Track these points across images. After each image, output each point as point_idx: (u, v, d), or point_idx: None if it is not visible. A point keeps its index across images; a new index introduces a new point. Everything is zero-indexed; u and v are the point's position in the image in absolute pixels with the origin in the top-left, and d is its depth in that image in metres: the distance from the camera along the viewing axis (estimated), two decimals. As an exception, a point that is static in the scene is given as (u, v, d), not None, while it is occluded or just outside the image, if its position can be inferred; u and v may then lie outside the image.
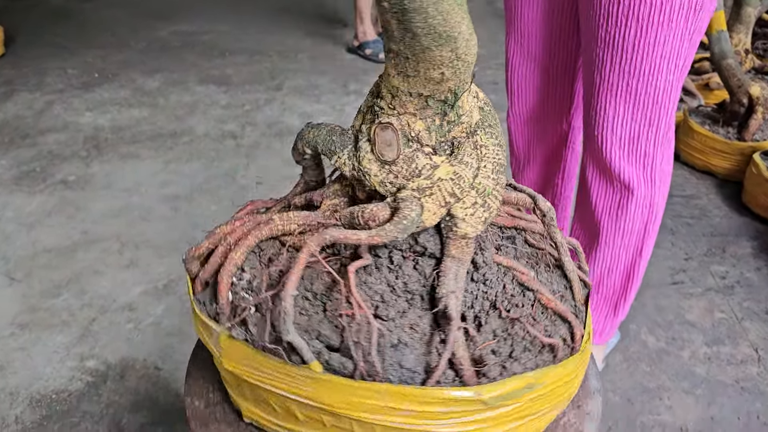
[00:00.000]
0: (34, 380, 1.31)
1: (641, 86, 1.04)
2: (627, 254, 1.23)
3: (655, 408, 1.27)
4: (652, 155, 1.11)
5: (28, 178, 2.06)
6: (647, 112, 1.06)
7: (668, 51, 1.00)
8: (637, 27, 0.99)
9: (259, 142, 2.32)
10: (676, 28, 0.98)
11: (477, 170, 0.56)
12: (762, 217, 1.91)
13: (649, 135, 1.08)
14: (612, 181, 1.14)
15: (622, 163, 1.11)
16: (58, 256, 1.68)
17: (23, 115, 2.53)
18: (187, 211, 1.89)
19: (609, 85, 1.06)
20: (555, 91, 1.26)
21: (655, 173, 1.13)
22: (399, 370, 0.51)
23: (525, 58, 1.23)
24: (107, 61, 3.14)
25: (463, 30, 0.50)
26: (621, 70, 1.04)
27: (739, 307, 1.56)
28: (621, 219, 1.19)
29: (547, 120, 1.31)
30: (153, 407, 1.25)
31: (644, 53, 1.01)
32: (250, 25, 3.74)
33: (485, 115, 0.60)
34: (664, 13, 0.97)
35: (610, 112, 1.08)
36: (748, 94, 2.09)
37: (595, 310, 1.32)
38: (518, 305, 0.56)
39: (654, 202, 1.16)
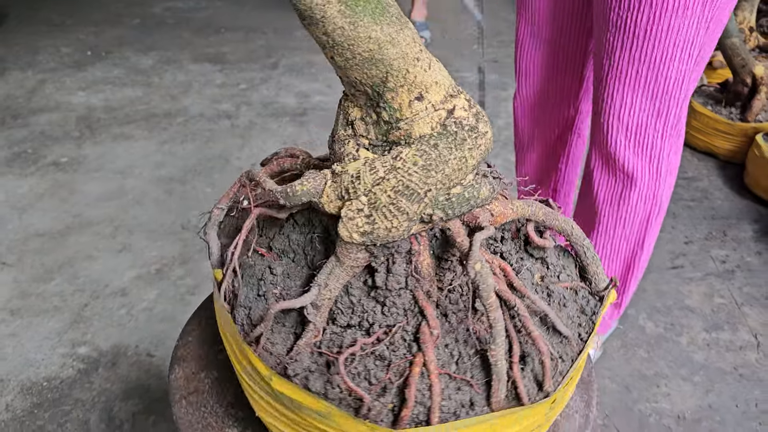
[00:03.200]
0: (25, 367, 1.29)
1: (651, 74, 0.99)
2: (627, 245, 1.20)
3: (653, 395, 1.26)
4: (659, 146, 1.07)
5: (19, 159, 2.03)
6: (656, 102, 1.02)
7: (681, 39, 0.95)
8: (650, 12, 0.94)
9: (255, 123, 2.28)
10: (692, 16, 0.92)
11: (380, 180, 0.52)
12: (764, 199, 1.88)
13: (657, 125, 1.04)
14: (615, 171, 1.11)
15: (626, 153, 1.08)
16: (51, 240, 1.66)
17: (14, 94, 2.49)
18: (182, 193, 1.86)
19: (618, 72, 1.02)
20: (564, 75, 1.22)
21: (661, 165, 1.09)
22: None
23: (535, 40, 1.19)
24: (100, 38, 3.09)
25: (380, 36, 0.48)
26: (631, 56, 0.99)
27: (739, 292, 1.54)
28: (621, 209, 1.16)
29: (554, 104, 1.27)
30: (144, 395, 1.24)
31: (656, 40, 0.96)
32: (246, 2, 3.68)
33: (443, 136, 0.54)
34: (687, 6, 0.92)
35: (618, 100, 1.04)
36: (752, 74, 2.05)
37: (595, 299, 1.29)
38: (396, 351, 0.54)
39: (658, 194, 1.13)
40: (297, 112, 2.36)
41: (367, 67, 0.50)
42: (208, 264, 1.57)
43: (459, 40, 3.12)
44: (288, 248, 0.61)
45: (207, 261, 1.58)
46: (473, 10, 1.14)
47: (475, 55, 2.93)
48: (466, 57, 2.91)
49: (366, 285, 0.56)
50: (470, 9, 1.00)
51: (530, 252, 0.63)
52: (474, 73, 2.73)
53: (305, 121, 2.29)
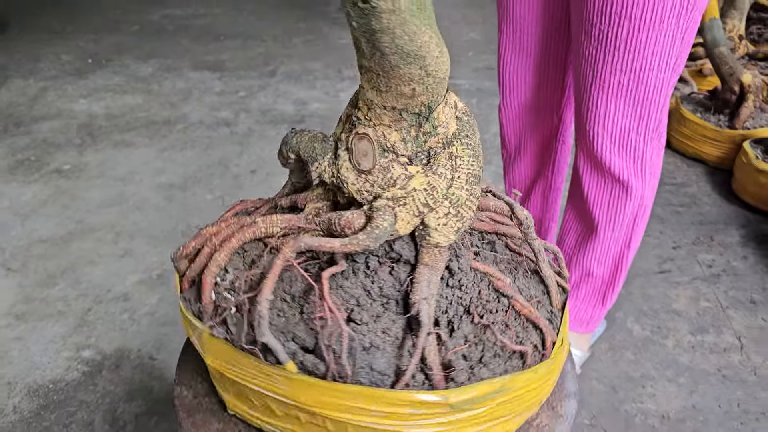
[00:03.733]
0: (31, 370, 1.33)
1: (633, 83, 1.05)
2: (617, 246, 1.25)
3: (639, 396, 1.31)
4: (642, 150, 1.12)
5: (22, 167, 2.07)
6: (638, 108, 1.07)
7: (660, 49, 1.01)
8: (629, 26, 0.99)
9: (253, 130, 2.32)
10: (668, 28, 0.98)
11: (451, 181, 0.58)
12: (751, 205, 1.93)
13: (640, 130, 1.10)
14: (604, 175, 1.16)
15: (613, 158, 1.13)
16: (54, 245, 1.70)
17: (17, 102, 2.53)
18: (182, 200, 1.91)
19: (601, 82, 1.07)
20: (546, 85, 1.27)
21: (645, 167, 1.15)
22: (370, 372, 0.54)
23: (517, 53, 1.24)
24: (100, 45, 3.14)
25: (432, 48, 0.52)
26: (613, 67, 1.04)
27: (724, 295, 1.58)
28: (613, 211, 1.21)
29: (538, 113, 1.32)
30: (148, 397, 1.28)
31: (636, 51, 1.01)
32: (244, 8, 3.73)
33: (462, 125, 0.61)
34: (656, 12, 0.98)
35: (602, 108, 1.09)
36: (740, 82, 2.10)
37: (584, 300, 1.34)
38: (492, 311, 0.58)
39: (644, 195, 1.18)
40: (295, 120, 2.40)
41: (440, 86, 0.55)
42: (208, 269, 1.61)
43: (454, 48, 3.17)
44: (351, 296, 0.60)
45: (207, 266, 1.62)
46: None
47: (470, 62, 2.98)
48: (462, 64, 2.96)
49: (442, 279, 0.59)
50: None
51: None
52: (469, 80, 2.78)
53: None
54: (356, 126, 0.60)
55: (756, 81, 2.10)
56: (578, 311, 1.34)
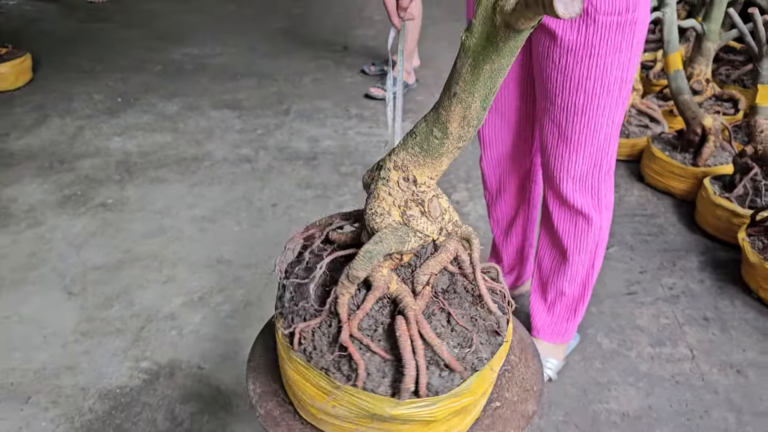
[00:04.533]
0: (100, 378, 1.60)
1: (589, 138, 1.35)
2: (583, 268, 1.54)
3: (604, 398, 1.58)
4: (598, 188, 1.42)
5: (70, 201, 2.35)
6: (593, 157, 1.37)
7: (607, 113, 1.32)
8: (585, 96, 1.30)
9: (272, 166, 2.61)
10: (612, 97, 1.29)
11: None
12: (710, 234, 2.21)
13: (595, 173, 1.40)
14: (569, 210, 1.45)
15: (576, 195, 1.42)
16: (107, 272, 1.98)
17: (58, 140, 2.81)
18: (213, 231, 2.18)
19: (564, 138, 1.36)
20: (519, 139, 1.56)
21: (602, 202, 1.45)
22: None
23: (491, 113, 1.53)
24: (128, 84, 3.43)
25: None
26: (573, 127, 1.34)
27: (681, 314, 1.86)
28: (578, 239, 1.50)
29: (513, 161, 1.61)
30: (199, 399, 1.54)
31: (590, 115, 1.32)
32: (257, 47, 4.03)
33: None
34: (604, 85, 1.28)
35: (566, 158, 1.38)
36: (702, 125, 2.39)
37: (559, 315, 1.62)
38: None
39: (602, 225, 1.48)
40: (309, 156, 2.69)
41: None
42: (241, 292, 1.89)
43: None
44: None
45: (241, 289, 1.90)
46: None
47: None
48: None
49: None
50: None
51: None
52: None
53: (316, 165, 2.62)
54: (421, 195, 0.85)
55: (716, 124, 2.39)
56: (554, 325, 1.62)
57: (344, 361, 0.80)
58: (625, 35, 1.24)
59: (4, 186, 2.43)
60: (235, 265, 2.01)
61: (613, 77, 1.27)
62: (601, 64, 1.26)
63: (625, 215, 2.33)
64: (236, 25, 4.52)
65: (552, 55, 1.29)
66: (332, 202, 2.36)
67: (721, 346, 1.75)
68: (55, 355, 1.67)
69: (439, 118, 0.78)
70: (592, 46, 1.24)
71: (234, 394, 1.56)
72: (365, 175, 0.91)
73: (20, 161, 2.62)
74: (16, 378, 1.60)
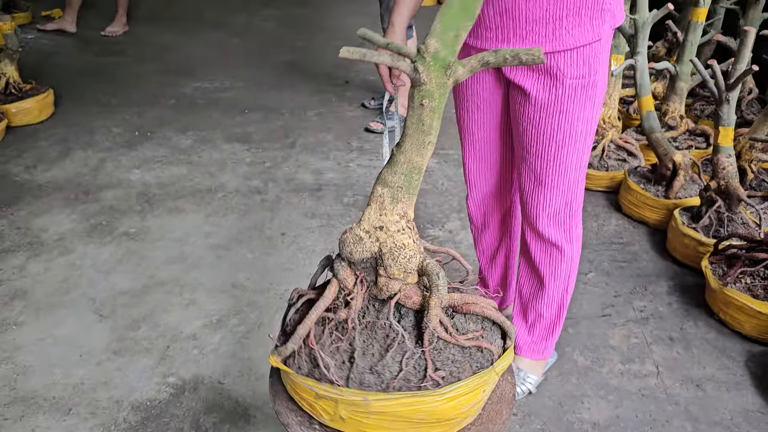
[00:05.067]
0: (132, 392, 1.81)
1: (560, 182, 1.57)
2: (559, 293, 1.75)
3: (578, 409, 1.78)
4: (569, 223, 1.65)
5: (96, 230, 2.57)
6: (564, 197, 1.60)
7: (575, 158, 1.54)
8: (555, 146, 1.52)
9: (280, 197, 2.83)
10: (578, 146, 1.53)
11: None
12: (679, 261, 2.43)
13: (566, 210, 1.62)
14: (545, 242, 1.67)
15: (550, 230, 1.64)
16: (133, 296, 2.19)
17: (82, 172, 3.04)
18: (229, 258, 2.40)
19: (539, 182, 1.59)
20: (500, 181, 1.79)
21: (572, 235, 1.67)
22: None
23: (476, 160, 1.75)
24: (143, 118, 3.67)
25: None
26: (546, 172, 1.57)
27: (650, 334, 2.07)
28: (553, 268, 1.72)
29: (495, 200, 1.83)
30: (220, 410, 1.75)
31: (560, 162, 1.54)
32: (263, 81, 4.28)
33: None
34: (572, 137, 1.51)
35: (541, 198, 1.61)
36: (673, 161, 2.62)
37: (539, 335, 1.83)
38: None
39: (573, 255, 1.70)
40: (314, 188, 2.92)
41: None
42: (255, 314, 2.10)
43: (446, 120, 3.71)
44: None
45: (255, 312, 2.11)
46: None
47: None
48: (451, 135, 3.48)
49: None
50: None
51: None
52: (457, 150, 3.30)
53: (321, 196, 2.85)
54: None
55: (685, 160, 2.63)
56: (534, 344, 1.84)
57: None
58: (588, 94, 1.48)
59: (35, 216, 2.65)
60: (250, 289, 2.23)
61: (579, 129, 1.51)
62: (568, 118, 1.49)
63: (603, 243, 2.56)
64: (242, 58, 4.78)
65: (527, 112, 1.52)
66: (336, 231, 2.58)
67: (684, 363, 1.96)
68: (91, 372, 1.88)
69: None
70: (561, 104, 1.48)
71: (251, 405, 1.76)
72: None
73: (48, 192, 2.84)
74: (58, 392, 1.81)
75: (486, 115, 1.66)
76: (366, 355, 1.07)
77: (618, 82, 2.99)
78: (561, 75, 1.44)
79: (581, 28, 1.39)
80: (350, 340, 1.08)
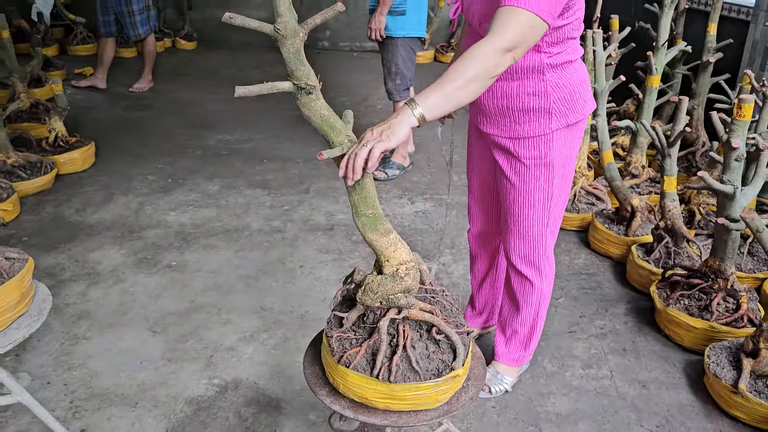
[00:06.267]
0: (185, 390, 2.24)
1: (526, 232, 2.01)
2: (530, 316, 2.20)
3: (545, 403, 2.21)
4: (538, 263, 2.08)
5: (143, 263, 3.03)
6: (533, 242, 2.03)
7: (538, 217, 1.96)
8: (519, 207, 1.96)
9: (298, 236, 3.30)
10: (537, 211, 1.95)
11: None
12: (636, 288, 2.89)
13: (536, 252, 2.06)
14: (519, 275, 2.12)
15: (522, 267, 2.09)
16: (179, 317, 2.64)
17: (125, 214, 3.52)
18: (256, 286, 2.86)
19: (511, 230, 2.03)
20: (490, 224, 2.24)
21: (542, 273, 2.10)
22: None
23: (475, 203, 2.22)
24: (174, 167, 4.16)
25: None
26: (515, 224, 2.01)
27: (607, 346, 2.51)
28: (527, 296, 2.16)
29: (486, 238, 2.29)
30: (257, 404, 2.18)
31: (524, 218, 1.98)
32: (279, 133, 4.80)
33: (391, 277, 1.57)
34: (531, 204, 1.94)
35: (516, 243, 2.05)
36: (631, 205, 3.11)
37: (514, 347, 2.26)
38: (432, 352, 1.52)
39: (543, 288, 2.13)
40: (327, 228, 3.39)
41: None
42: (281, 331, 2.54)
43: (440, 169, 4.22)
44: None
45: (281, 329, 2.55)
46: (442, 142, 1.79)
47: (453, 183, 4.00)
48: (445, 182, 3.98)
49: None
50: (440, 140, 1.81)
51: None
52: (450, 196, 3.79)
53: (333, 234, 3.32)
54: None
55: (641, 203, 3.11)
56: (510, 354, 2.27)
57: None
58: (542, 172, 1.89)
59: (89, 251, 3.12)
60: (275, 311, 2.67)
61: (537, 196, 1.94)
62: (527, 187, 1.92)
63: (573, 274, 3.02)
64: (258, 113, 5.31)
65: (500, 178, 1.98)
66: (346, 264, 3.04)
67: (633, 368, 2.40)
68: (151, 375, 2.31)
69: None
70: (520, 176, 1.91)
71: (282, 400, 2.19)
72: None
73: (99, 231, 3.31)
74: (125, 390, 2.24)
75: (482, 172, 2.12)
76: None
77: (586, 137, 3.50)
78: (519, 155, 1.88)
79: (530, 124, 1.82)
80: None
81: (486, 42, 1.48)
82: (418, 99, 1.43)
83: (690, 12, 4.26)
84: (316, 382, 1.57)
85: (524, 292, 2.15)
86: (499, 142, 1.91)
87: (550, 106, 1.79)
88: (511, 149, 1.88)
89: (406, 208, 3.69)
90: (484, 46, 1.48)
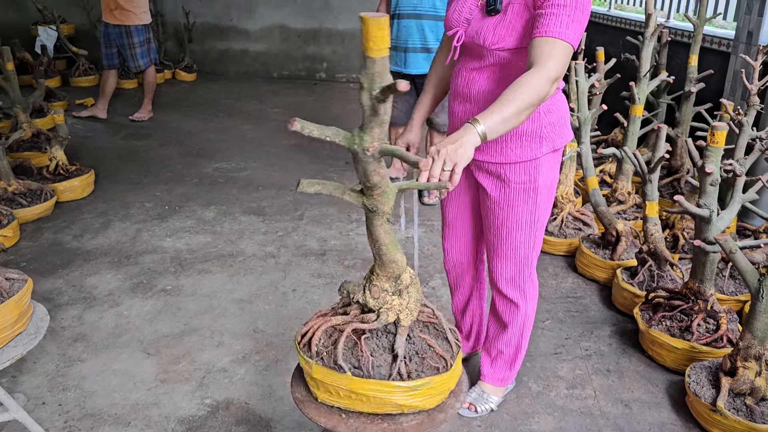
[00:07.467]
0: (177, 410, 2.29)
1: (512, 256, 2.08)
2: (515, 337, 2.26)
3: (530, 423, 2.26)
4: (523, 287, 2.15)
5: (139, 287, 3.09)
6: (518, 266, 2.10)
7: (524, 240, 2.04)
8: (506, 230, 2.04)
9: (291, 261, 3.37)
10: (524, 233, 2.02)
11: (408, 302, 1.60)
12: (621, 311, 2.95)
13: (521, 277, 2.12)
14: (504, 299, 2.18)
15: (508, 290, 2.16)
16: (173, 339, 2.69)
17: (122, 240, 3.59)
18: (249, 309, 2.92)
19: (497, 254, 2.10)
20: (470, 254, 2.31)
21: (527, 295, 2.17)
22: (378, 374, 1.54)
23: (452, 239, 2.29)
24: (171, 194, 4.25)
25: (401, 260, 1.57)
26: (502, 248, 2.08)
27: (591, 367, 2.57)
28: (512, 317, 2.22)
29: (466, 266, 2.35)
30: (247, 423, 2.22)
31: (509, 243, 2.05)
32: (274, 162, 4.90)
33: (411, 280, 1.64)
34: (518, 226, 2.02)
35: (501, 267, 2.12)
36: (616, 229, 3.19)
37: (500, 367, 2.32)
38: (424, 352, 1.59)
39: (527, 310, 2.19)
40: (319, 253, 3.46)
41: (404, 271, 1.58)
42: (273, 353, 2.60)
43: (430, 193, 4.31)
44: None
45: (272, 351, 2.60)
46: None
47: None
48: (435, 210, 4.07)
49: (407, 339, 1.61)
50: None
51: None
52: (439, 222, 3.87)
53: (325, 259, 3.39)
54: (372, 281, 1.63)
55: (626, 228, 3.19)
56: (496, 374, 2.32)
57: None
58: (529, 195, 1.96)
59: (87, 276, 3.18)
60: (268, 334, 2.73)
61: (524, 219, 2.01)
62: (515, 211, 1.99)
63: (560, 297, 3.08)
64: (254, 142, 5.42)
65: (486, 203, 2.06)
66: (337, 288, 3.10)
67: (616, 388, 2.45)
68: (144, 395, 2.36)
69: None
70: (508, 200, 1.98)
71: (272, 419, 2.24)
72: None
73: (96, 257, 3.38)
74: (118, 410, 2.29)
75: (461, 202, 2.18)
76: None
77: (572, 165, 3.59)
78: (507, 180, 1.96)
79: (522, 149, 1.90)
80: None
81: (536, 73, 1.60)
82: (480, 119, 1.52)
83: (673, 44, 4.40)
84: (303, 400, 1.62)
85: (509, 314, 2.21)
86: (488, 168, 1.98)
87: (542, 130, 1.88)
88: (501, 174, 1.95)
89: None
90: (537, 77, 1.60)
